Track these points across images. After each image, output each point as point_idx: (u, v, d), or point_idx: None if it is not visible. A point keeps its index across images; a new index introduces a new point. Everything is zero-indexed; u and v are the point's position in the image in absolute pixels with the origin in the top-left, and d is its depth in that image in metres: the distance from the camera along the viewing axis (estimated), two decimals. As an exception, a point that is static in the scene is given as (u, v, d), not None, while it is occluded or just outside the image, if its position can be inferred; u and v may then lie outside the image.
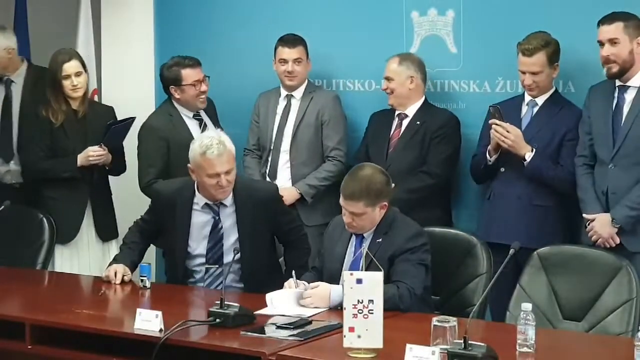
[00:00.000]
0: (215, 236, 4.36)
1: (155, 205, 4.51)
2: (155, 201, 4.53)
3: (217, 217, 4.36)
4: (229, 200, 4.35)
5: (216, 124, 5.28)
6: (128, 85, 6.08)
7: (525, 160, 4.62)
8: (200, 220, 4.37)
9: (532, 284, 4.03)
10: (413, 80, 5.04)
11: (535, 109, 4.76)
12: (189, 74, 5.24)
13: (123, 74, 6.12)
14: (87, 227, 5.33)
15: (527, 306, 3.28)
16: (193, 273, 4.39)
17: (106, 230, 5.40)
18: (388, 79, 5.04)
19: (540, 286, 4.02)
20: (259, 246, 4.36)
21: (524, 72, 4.68)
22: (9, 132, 5.67)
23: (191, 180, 4.38)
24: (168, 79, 5.29)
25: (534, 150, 4.61)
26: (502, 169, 4.75)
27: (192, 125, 5.32)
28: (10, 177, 5.67)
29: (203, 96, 5.30)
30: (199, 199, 4.37)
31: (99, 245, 5.39)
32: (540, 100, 4.75)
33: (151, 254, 4.90)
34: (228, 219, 4.36)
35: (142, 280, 4.31)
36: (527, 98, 4.79)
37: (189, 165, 4.36)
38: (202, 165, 4.26)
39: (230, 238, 4.34)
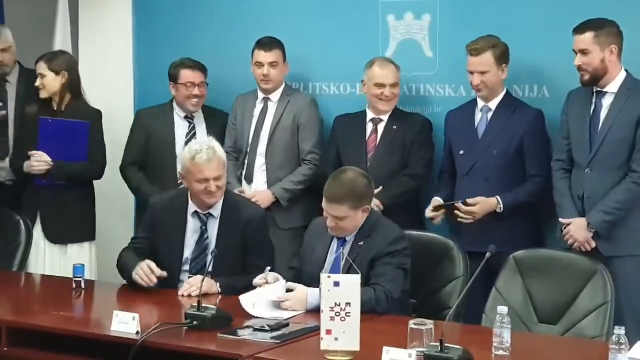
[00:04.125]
0: (201, 246, 4.35)
1: (152, 218, 4.45)
2: (152, 214, 4.47)
3: (204, 227, 4.36)
4: (217, 211, 4.35)
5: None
6: (106, 86, 6.05)
7: (498, 211, 4.67)
8: (190, 227, 4.36)
9: (507, 287, 4.05)
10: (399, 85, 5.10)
11: (489, 115, 4.81)
12: (185, 74, 5.41)
13: (101, 74, 6.09)
14: (36, 228, 5.28)
15: (502, 309, 3.31)
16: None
17: (59, 232, 5.34)
18: (394, 85, 5.03)
19: (516, 289, 4.05)
20: (232, 261, 4.31)
21: (471, 72, 4.74)
22: (4, 130, 5.68)
23: (185, 188, 4.40)
24: (169, 75, 5.46)
25: (499, 200, 4.66)
26: (466, 177, 4.79)
27: (180, 126, 5.45)
28: (5, 174, 5.65)
29: (195, 100, 5.42)
30: (191, 207, 4.37)
31: (51, 248, 5.33)
32: (493, 105, 4.80)
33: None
34: (214, 230, 4.35)
35: (76, 282, 4.28)
36: (480, 103, 4.84)
37: (179, 171, 4.40)
38: (192, 170, 4.28)
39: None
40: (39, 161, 5.19)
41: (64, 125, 5.23)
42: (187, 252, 4.36)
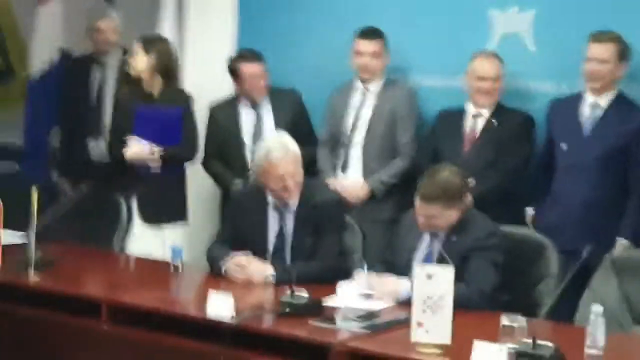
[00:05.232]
0: (280, 240, 4.36)
1: (235, 211, 4.50)
2: (235, 207, 4.53)
3: (282, 221, 4.36)
4: (294, 205, 4.34)
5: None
6: (210, 74, 6.07)
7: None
8: (271, 221, 4.38)
9: (602, 287, 3.99)
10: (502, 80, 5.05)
11: (599, 112, 4.69)
12: (245, 69, 5.45)
13: (205, 63, 6.11)
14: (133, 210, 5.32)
15: (597, 309, 3.26)
16: None
17: (156, 213, 5.31)
18: (496, 79, 4.99)
19: (611, 289, 3.97)
20: (310, 253, 4.30)
21: (590, 60, 4.63)
22: (99, 110, 5.92)
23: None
24: (230, 70, 5.53)
25: (622, 242, 4.53)
26: (566, 173, 4.71)
27: (247, 115, 5.52)
28: (99, 153, 5.85)
29: (258, 91, 5.45)
30: (270, 201, 4.38)
31: (146, 229, 5.34)
32: (604, 102, 4.68)
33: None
34: (291, 224, 4.35)
35: (174, 265, 4.36)
36: (589, 99, 4.71)
37: (255, 172, 4.42)
38: (267, 169, 4.27)
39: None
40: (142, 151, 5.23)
41: (158, 113, 5.28)
42: (271, 246, 4.37)
